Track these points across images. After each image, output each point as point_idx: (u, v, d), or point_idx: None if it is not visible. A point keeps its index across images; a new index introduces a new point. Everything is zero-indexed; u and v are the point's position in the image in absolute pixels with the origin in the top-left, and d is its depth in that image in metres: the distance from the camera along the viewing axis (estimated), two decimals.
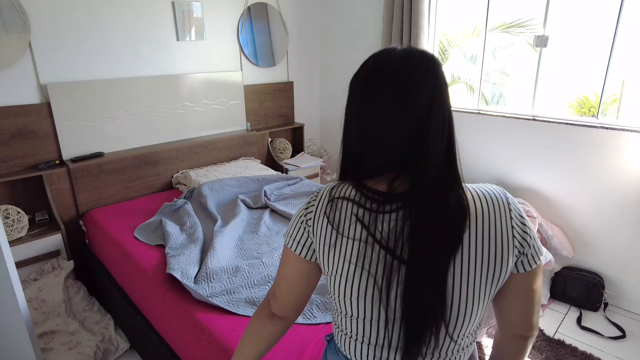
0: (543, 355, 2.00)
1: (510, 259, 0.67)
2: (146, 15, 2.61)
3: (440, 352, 0.71)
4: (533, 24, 3.47)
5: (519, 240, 0.68)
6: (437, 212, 0.64)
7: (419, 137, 0.64)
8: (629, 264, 2.35)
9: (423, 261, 0.64)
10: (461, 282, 0.65)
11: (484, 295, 0.67)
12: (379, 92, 0.65)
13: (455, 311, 0.66)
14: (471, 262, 0.65)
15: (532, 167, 2.64)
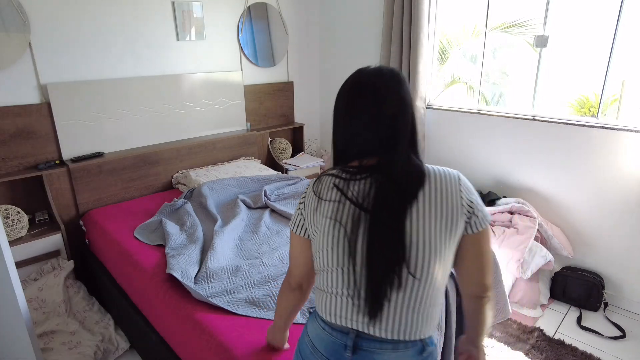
0: (543, 355, 2.00)
1: (459, 218, 0.84)
2: (146, 15, 2.61)
3: (405, 292, 0.82)
4: (533, 24, 3.47)
5: (466, 208, 0.85)
6: (398, 174, 0.83)
7: (390, 132, 0.85)
8: (629, 263, 2.35)
9: (382, 209, 0.81)
10: (417, 227, 0.81)
11: (441, 242, 0.82)
12: (359, 101, 0.86)
13: (414, 251, 0.81)
14: (426, 212, 0.82)
15: (532, 167, 2.64)
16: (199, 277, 1.64)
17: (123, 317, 2.05)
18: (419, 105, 2.96)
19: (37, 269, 2.18)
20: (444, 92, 3.98)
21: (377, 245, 0.81)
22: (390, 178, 0.83)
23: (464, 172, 2.98)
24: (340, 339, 0.86)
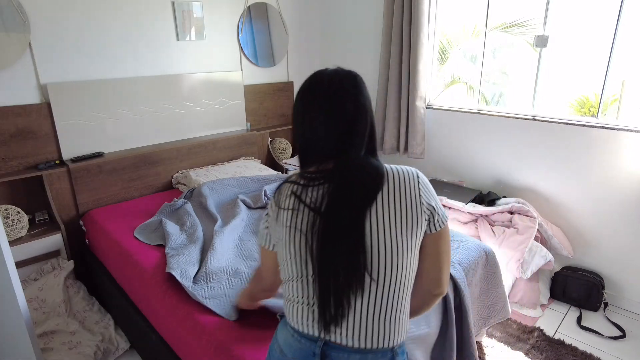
0: (543, 355, 2.00)
1: (420, 217, 0.84)
2: (146, 15, 2.61)
3: (368, 298, 0.81)
4: (533, 24, 3.47)
5: (426, 206, 0.85)
6: (354, 177, 0.82)
7: (345, 134, 0.85)
8: (629, 263, 2.35)
9: (338, 213, 0.80)
10: (377, 230, 0.80)
11: (403, 244, 0.82)
12: (315, 103, 0.86)
13: (375, 255, 0.80)
14: (385, 214, 0.81)
15: (532, 167, 2.64)
16: (198, 277, 1.64)
17: (123, 317, 2.05)
18: (418, 105, 2.96)
19: (37, 269, 2.18)
20: (444, 92, 3.98)
21: (335, 250, 0.79)
22: (346, 181, 0.82)
23: (464, 172, 2.99)
24: (308, 347, 0.84)
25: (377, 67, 3.28)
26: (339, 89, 0.85)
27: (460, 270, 1.69)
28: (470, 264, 1.75)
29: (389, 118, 3.13)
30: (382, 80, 3.14)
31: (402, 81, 3.01)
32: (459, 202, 2.61)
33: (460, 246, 1.83)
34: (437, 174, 3.17)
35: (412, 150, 3.09)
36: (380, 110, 3.21)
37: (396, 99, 3.09)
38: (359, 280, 0.79)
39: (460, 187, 2.90)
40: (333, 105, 0.84)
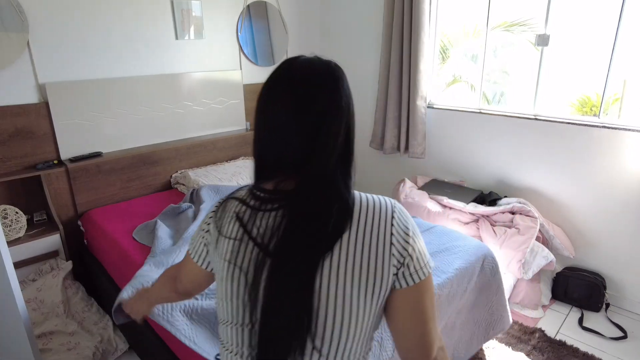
0: (544, 356, 1.98)
1: (386, 268, 0.64)
2: (145, 14, 2.59)
3: None
4: (534, 23, 3.45)
5: (397, 249, 0.65)
6: (316, 210, 0.64)
7: (311, 141, 0.66)
8: (630, 264, 2.34)
9: (291, 254, 0.63)
10: (329, 284, 0.62)
11: (359, 307, 0.63)
12: (278, 99, 0.68)
13: (322, 318, 0.62)
14: (342, 264, 0.63)
15: (534, 167, 2.63)
16: None
17: (127, 325, 2.04)
18: (419, 104, 2.95)
19: (35, 270, 2.17)
20: (445, 92, 3.96)
21: (277, 304, 0.63)
22: (306, 213, 0.64)
23: (466, 172, 2.98)
24: None
25: (377, 66, 3.26)
26: (311, 82, 0.68)
27: (454, 275, 1.66)
28: (467, 269, 1.72)
29: (390, 117, 3.12)
30: (382, 80, 3.13)
31: (402, 80, 3.00)
32: (460, 202, 2.60)
33: (457, 250, 1.81)
34: (438, 174, 3.16)
35: (413, 150, 3.07)
36: (380, 109, 3.20)
37: (397, 99, 3.07)
38: (300, 347, 0.62)
39: (462, 187, 2.88)
40: (300, 102, 0.66)
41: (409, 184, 2.89)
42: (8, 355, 1.71)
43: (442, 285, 1.59)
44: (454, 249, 1.82)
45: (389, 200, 0.71)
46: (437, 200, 2.68)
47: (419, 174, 3.22)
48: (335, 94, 0.69)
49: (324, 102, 0.67)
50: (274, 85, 0.70)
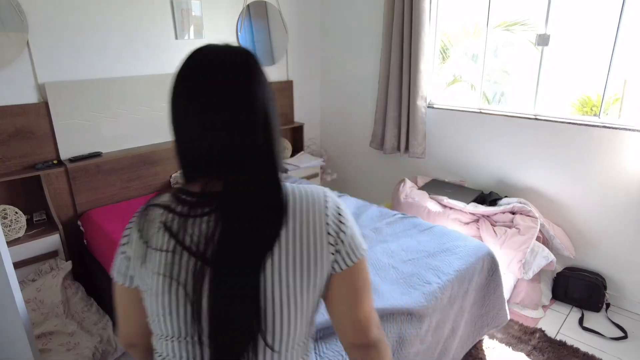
0: (545, 356, 1.98)
1: (325, 256, 0.65)
2: (145, 13, 2.59)
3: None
4: (535, 23, 3.45)
5: (333, 235, 0.66)
6: (249, 211, 0.62)
7: (230, 137, 0.63)
8: (631, 264, 2.34)
9: (232, 261, 0.61)
10: (273, 283, 0.62)
11: (303, 299, 0.65)
12: (188, 94, 0.65)
13: (270, 316, 0.63)
14: (282, 260, 0.63)
15: (534, 167, 2.62)
16: None
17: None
18: (419, 104, 2.95)
19: (35, 270, 2.16)
20: (445, 91, 3.96)
21: (224, 307, 0.62)
22: (239, 214, 0.62)
23: (466, 172, 2.97)
24: None
25: (377, 66, 3.26)
26: (222, 73, 0.65)
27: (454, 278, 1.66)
28: (467, 270, 1.72)
29: (390, 117, 3.11)
30: (382, 80, 3.13)
31: (402, 80, 2.99)
32: (460, 202, 2.60)
33: (457, 250, 1.81)
34: (438, 174, 3.15)
35: (413, 150, 3.07)
36: (380, 109, 3.20)
37: (397, 98, 3.07)
38: (253, 349, 0.63)
39: (462, 187, 2.88)
40: (212, 97, 0.63)
41: (409, 184, 2.89)
42: (8, 356, 1.71)
43: (444, 287, 1.58)
44: (454, 249, 1.82)
45: (320, 189, 0.70)
46: (438, 200, 2.68)
47: (419, 174, 3.22)
48: (252, 85, 0.65)
49: (239, 94, 0.64)
50: (181, 81, 0.67)
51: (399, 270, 1.66)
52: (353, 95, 3.55)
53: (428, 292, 1.53)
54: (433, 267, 1.68)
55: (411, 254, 1.78)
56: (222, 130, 0.63)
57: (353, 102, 3.57)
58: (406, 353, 1.40)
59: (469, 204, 2.60)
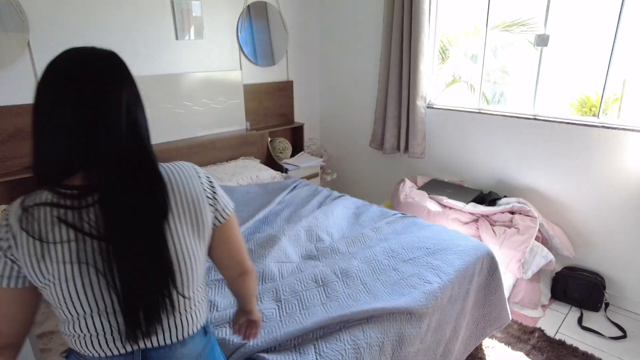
0: (544, 355, 1.99)
1: (208, 214, 0.83)
2: (145, 14, 2.60)
3: (178, 309, 0.80)
4: (534, 23, 3.46)
5: (210, 198, 0.84)
6: (136, 191, 0.71)
7: (95, 134, 0.69)
8: (630, 263, 2.35)
9: (132, 234, 0.71)
10: (174, 244, 0.76)
11: (199, 250, 0.81)
12: (54, 98, 0.70)
13: (178, 270, 0.77)
14: (180, 225, 0.77)
15: (533, 167, 2.63)
16: None
17: None
18: (419, 104, 2.95)
19: None
20: (445, 92, 3.96)
21: (141, 277, 0.72)
22: (128, 196, 0.70)
23: (465, 172, 2.98)
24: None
25: (377, 66, 3.27)
26: (89, 75, 0.76)
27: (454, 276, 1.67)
28: (467, 270, 1.73)
29: (389, 117, 3.12)
30: (382, 80, 3.13)
31: (402, 80, 3.00)
32: (459, 202, 2.61)
33: (457, 250, 1.81)
34: (437, 174, 3.16)
35: (413, 150, 3.08)
36: (380, 109, 3.21)
37: (396, 99, 3.08)
38: (170, 301, 0.76)
39: (461, 187, 2.89)
40: (79, 97, 0.70)
41: (408, 184, 2.90)
42: None
43: (444, 286, 1.59)
44: (454, 249, 1.82)
45: (189, 164, 0.87)
46: (437, 200, 2.69)
47: (419, 174, 3.23)
48: (109, 77, 0.78)
49: (97, 88, 0.73)
50: (50, 83, 0.72)
51: (399, 271, 1.67)
52: (353, 95, 3.56)
53: (428, 291, 1.53)
54: (434, 267, 1.68)
55: (412, 252, 1.79)
56: (86, 127, 0.69)
57: (353, 102, 3.57)
58: (406, 352, 1.40)
59: (468, 203, 2.60)
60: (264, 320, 1.37)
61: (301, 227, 2.01)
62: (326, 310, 1.41)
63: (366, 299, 1.48)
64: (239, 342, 1.25)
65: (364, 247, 1.88)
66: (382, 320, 1.38)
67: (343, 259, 1.77)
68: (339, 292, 1.52)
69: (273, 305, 1.45)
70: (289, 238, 1.92)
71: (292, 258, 1.81)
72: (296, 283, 1.57)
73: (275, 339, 1.26)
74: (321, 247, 1.89)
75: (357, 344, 1.28)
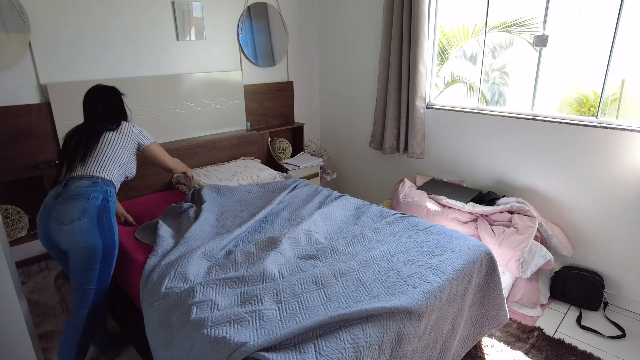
0: (543, 354, 2.00)
1: (132, 141, 1.95)
2: (146, 15, 2.61)
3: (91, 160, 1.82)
4: (533, 23, 3.47)
5: (134, 134, 1.96)
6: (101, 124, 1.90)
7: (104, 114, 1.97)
8: (628, 263, 2.36)
9: (88, 135, 1.86)
10: (103, 144, 1.85)
11: (120, 152, 1.89)
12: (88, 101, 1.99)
13: (96, 153, 1.83)
14: (112, 141, 1.87)
15: (532, 167, 2.64)
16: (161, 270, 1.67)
17: (123, 316, 2.05)
18: (418, 104, 2.96)
19: (23, 272, 2.17)
20: (444, 92, 3.97)
21: (82, 152, 1.82)
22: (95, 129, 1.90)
23: (464, 172, 2.99)
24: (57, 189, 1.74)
25: (377, 66, 3.28)
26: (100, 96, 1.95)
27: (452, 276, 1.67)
28: (466, 269, 1.74)
29: (389, 118, 3.13)
30: (382, 80, 3.14)
31: (402, 81, 3.01)
32: (458, 201, 2.62)
33: (456, 250, 1.82)
34: (437, 174, 3.17)
35: (412, 150, 3.09)
36: (380, 110, 3.22)
37: (396, 99, 3.09)
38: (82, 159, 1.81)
39: (460, 187, 2.90)
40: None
41: (408, 184, 2.91)
42: (10, 355, 1.72)
43: (443, 286, 1.60)
44: (453, 249, 1.83)
45: (129, 124, 1.99)
46: (436, 199, 2.70)
47: (418, 174, 3.24)
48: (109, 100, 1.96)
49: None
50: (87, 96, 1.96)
51: (399, 271, 1.68)
52: (353, 95, 3.57)
53: (428, 290, 1.54)
54: (433, 267, 1.69)
55: (411, 256, 1.80)
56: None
57: (353, 102, 3.59)
58: (404, 351, 1.41)
59: (467, 203, 2.61)
60: (264, 320, 1.38)
61: (301, 230, 2.02)
62: (326, 310, 1.42)
63: (366, 299, 1.49)
64: (239, 342, 1.26)
65: (363, 248, 1.89)
66: (381, 320, 1.39)
67: (343, 260, 1.78)
68: (338, 292, 1.53)
69: (273, 306, 1.46)
70: (289, 240, 1.93)
71: (292, 258, 1.82)
72: (296, 284, 1.58)
73: (276, 338, 1.27)
74: (321, 248, 1.89)
75: (356, 342, 1.29)
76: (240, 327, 1.34)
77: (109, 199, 1.75)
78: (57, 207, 1.65)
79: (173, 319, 1.47)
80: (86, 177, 1.73)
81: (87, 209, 1.65)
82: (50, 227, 1.65)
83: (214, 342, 1.29)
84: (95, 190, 1.70)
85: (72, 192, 1.67)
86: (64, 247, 1.67)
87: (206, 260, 1.77)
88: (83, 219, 1.63)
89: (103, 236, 1.69)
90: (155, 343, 1.48)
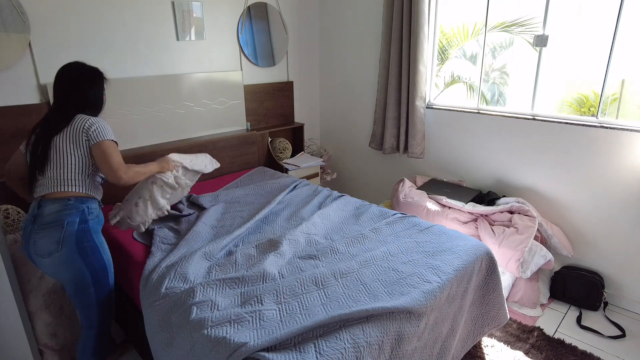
0: (543, 354, 2.00)
1: (83, 137, 1.59)
2: (146, 15, 2.61)
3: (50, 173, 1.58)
4: (533, 23, 3.47)
5: (85, 132, 1.59)
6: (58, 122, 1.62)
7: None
8: (628, 263, 2.36)
9: (40, 136, 1.60)
10: (56, 148, 1.57)
11: (74, 154, 1.59)
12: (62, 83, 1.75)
13: (52, 161, 1.58)
14: (64, 141, 1.58)
15: (532, 167, 2.64)
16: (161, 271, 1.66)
17: (123, 316, 2.05)
18: (418, 104, 2.97)
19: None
20: (444, 92, 3.97)
21: (38, 160, 1.58)
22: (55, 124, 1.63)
23: (464, 172, 2.99)
24: (33, 207, 1.59)
25: (377, 66, 3.28)
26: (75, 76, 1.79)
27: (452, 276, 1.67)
28: (466, 269, 1.74)
29: (389, 118, 3.13)
30: (382, 80, 3.14)
31: (402, 81, 3.01)
32: (458, 201, 2.62)
33: (456, 249, 1.82)
34: (437, 174, 3.17)
35: (412, 150, 3.09)
36: (380, 109, 3.22)
37: (396, 99, 3.09)
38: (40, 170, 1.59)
39: (460, 187, 2.90)
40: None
41: (408, 184, 2.91)
42: (8, 355, 1.72)
43: (443, 286, 1.60)
44: (453, 249, 1.83)
45: (93, 118, 1.68)
46: (436, 199, 2.70)
47: (418, 174, 3.24)
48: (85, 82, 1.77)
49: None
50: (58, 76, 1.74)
51: (399, 271, 1.68)
52: (353, 95, 3.57)
53: (428, 290, 1.54)
54: (433, 267, 1.69)
55: (411, 256, 1.80)
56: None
57: (353, 102, 3.59)
58: (404, 350, 1.42)
59: (467, 203, 2.62)
60: (264, 320, 1.38)
61: (300, 231, 2.02)
62: (326, 310, 1.42)
63: (366, 299, 1.49)
64: (240, 342, 1.26)
65: (363, 248, 1.89)
66: (381, 320, 1.39)
67: (343, 260, 1.78)
68: (338, 292, 1.53)
69: (274, 306, 1.46)
70: (289, 242, 1.93)
71: (292, 259, 1.82)
72: (296, 284, 1.58)
73: (276, 338, 1.27)
74: (321, 248, 1.89)
75: (356, 342, 1.29)
76: (240, 328, 1.34)
77: (88, 218, 1.58)
78: (34, 237, 1.53)
79: (173, 319, 1.47)
80: (57, 199, 1.54)
81: (64, 238, 1.52)
82: (32, 256, 1.57)
83: (214, 342, 1.29)
84: (70, 215, 1.54)
85: (46, 218, 1.52)
86: (51, 276, 1.63)
87: (206, 261, 1.77)
88: (62, 249, 1.52)
89: (87, 262, 1.58)
90: (156, 343, 1.48)
